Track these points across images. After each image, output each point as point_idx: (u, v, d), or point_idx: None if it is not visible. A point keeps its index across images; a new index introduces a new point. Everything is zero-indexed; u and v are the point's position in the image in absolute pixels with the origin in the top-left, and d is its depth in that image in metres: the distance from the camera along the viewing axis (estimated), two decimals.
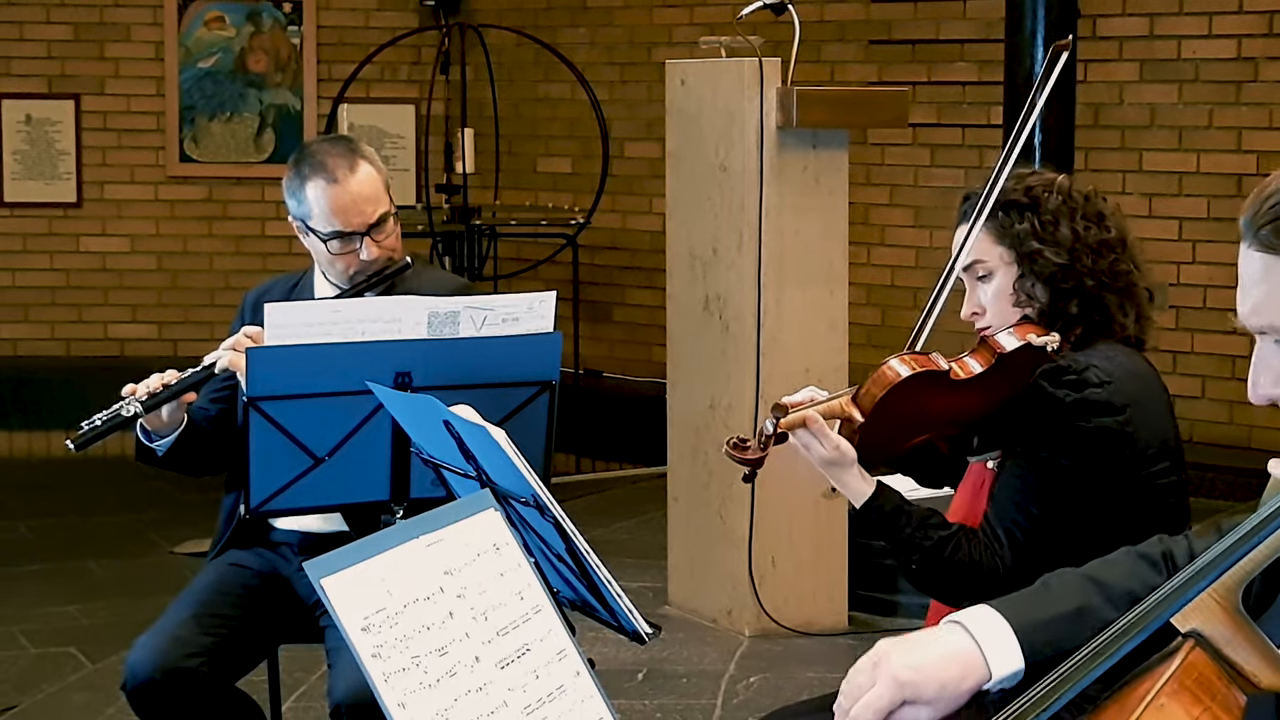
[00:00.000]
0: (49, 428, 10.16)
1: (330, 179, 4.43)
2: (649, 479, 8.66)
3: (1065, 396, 3.38)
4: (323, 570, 2.27)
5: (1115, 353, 3.48)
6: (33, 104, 10.77)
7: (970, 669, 2.44)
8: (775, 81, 6.44)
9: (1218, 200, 8.16)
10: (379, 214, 4.46)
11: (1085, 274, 3.51)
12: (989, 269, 3.56)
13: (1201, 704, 2.15)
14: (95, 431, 4.20)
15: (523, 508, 3.14)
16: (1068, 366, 3.40)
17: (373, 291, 4.47)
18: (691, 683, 6.18)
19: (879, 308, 9.30)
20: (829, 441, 3.42)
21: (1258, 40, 8.11)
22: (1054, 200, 3.55)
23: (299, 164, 4.50)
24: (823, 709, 3.62)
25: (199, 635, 4.27)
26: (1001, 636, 2.47)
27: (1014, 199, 3.55)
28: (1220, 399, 8.05)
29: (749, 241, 6.48)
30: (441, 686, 2.30)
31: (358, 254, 4.44)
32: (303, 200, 4.47)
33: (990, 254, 3.55)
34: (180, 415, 4.35)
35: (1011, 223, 3.53)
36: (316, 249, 4.51)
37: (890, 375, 3.42)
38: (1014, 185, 3.57)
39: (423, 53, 10.91)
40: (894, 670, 2.43)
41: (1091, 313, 3.52)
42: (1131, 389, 3.42)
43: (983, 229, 3.54)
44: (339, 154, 4.49)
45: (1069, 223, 3.53)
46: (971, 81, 8.96)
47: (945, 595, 3.55)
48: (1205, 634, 2.21)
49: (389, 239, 4.50)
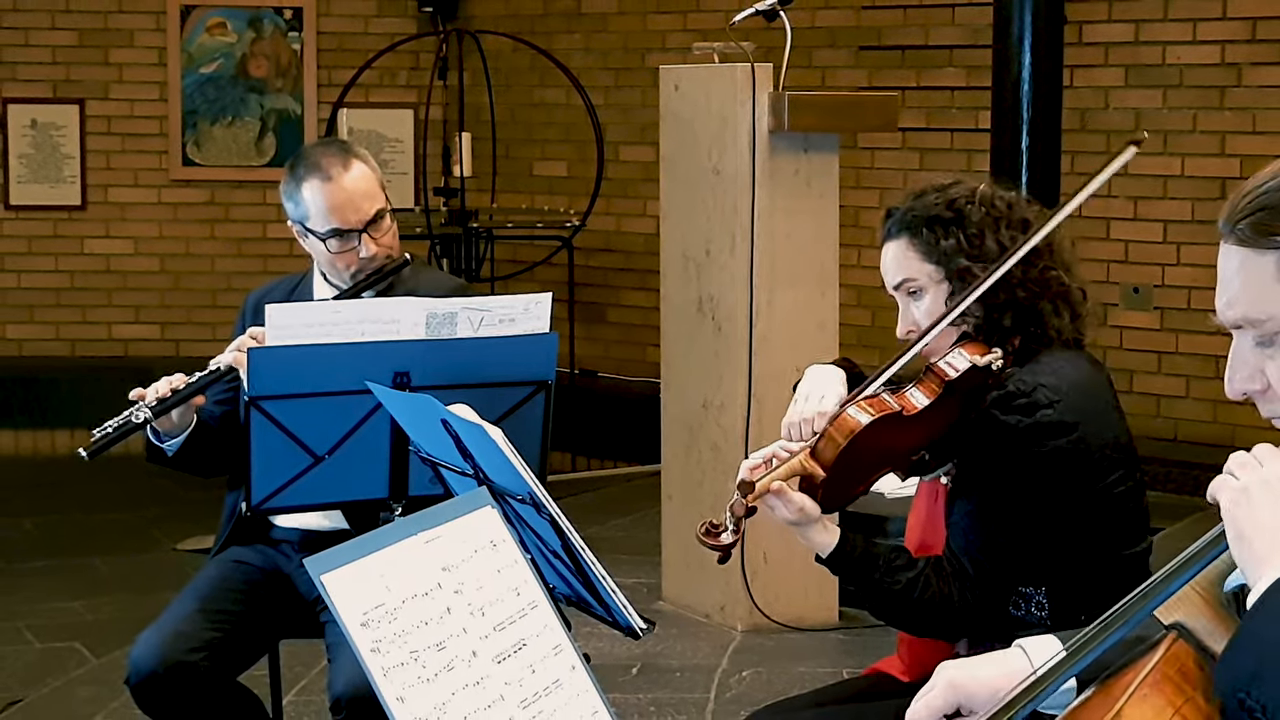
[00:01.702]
0: (54, 426, 10.16)
1: (325, 177, 4.43)
2: (643, 477, 8.66)
3: (1018, 423, 3.31)
4: (323, 566, 2.27)
5: (1059, 364, 3.40)
6: (38, 108, 10.77)
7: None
8: (767, 86, 6.44)
9: (1201, 203, 8.16)
10: (375, 210, 4.46)
11: (1016, 285, 3.42)
12: (919, 286, 3.49)
13: (1184, 694, 2.16)
14: (108, 438, 4.21)
15: (519, 505, 3.14)
16: (1016, 391, 3.33)
17: (372, 290, 4.46)
18: (685, 677, 6.17)
19: (869, 309, 9.29)
20: (793, 505, 3.33)
21: (1241, 46, 8.11)
22: (977, 212, 3.47)
23: (294, 167, 4.51)
24: (813, 704, 3.64)
25: (201, 630, 4.27)
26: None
27: (937, 214, 3.47)
28: (1204, 398, 8.05)
29: (741, 243, 6.48)
30: (439, 681, 2.30)
31: (357, 252, 4.44)
32: (300, 202, 4.47)
33: (919, 272, 3.48)
34: (190, 417, 4.35)
35: (937, 239, 3.46)
36: (316, 250, 4.50)
37: (850, 424, 3.33)
38: (936, 199, 3.50)
39: (421, 58, 10.91)
40: (951, 675, 2.53)
41: (1027, 323, 3.44)
42: (1079, 402, 3.35)
43: (909, 246, 3.48)
44: (333, 154, 4.49)
45: (994, 234, 3.46)
46: (960, 87, 8.96)
47: (916, 630, 3.52)
48: (1188, 626, 2.22)
49: (386, 236, 4.49)
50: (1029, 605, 3.37)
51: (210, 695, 4.26)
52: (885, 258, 3.54)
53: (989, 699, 2.47)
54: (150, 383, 4.32)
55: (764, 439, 6.48)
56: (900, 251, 3.50)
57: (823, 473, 3.33)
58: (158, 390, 4.26)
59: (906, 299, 3.52)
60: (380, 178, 4.54)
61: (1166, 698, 2.15)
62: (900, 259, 3.50)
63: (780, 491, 3.31)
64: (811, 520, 3.36)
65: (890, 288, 3.54)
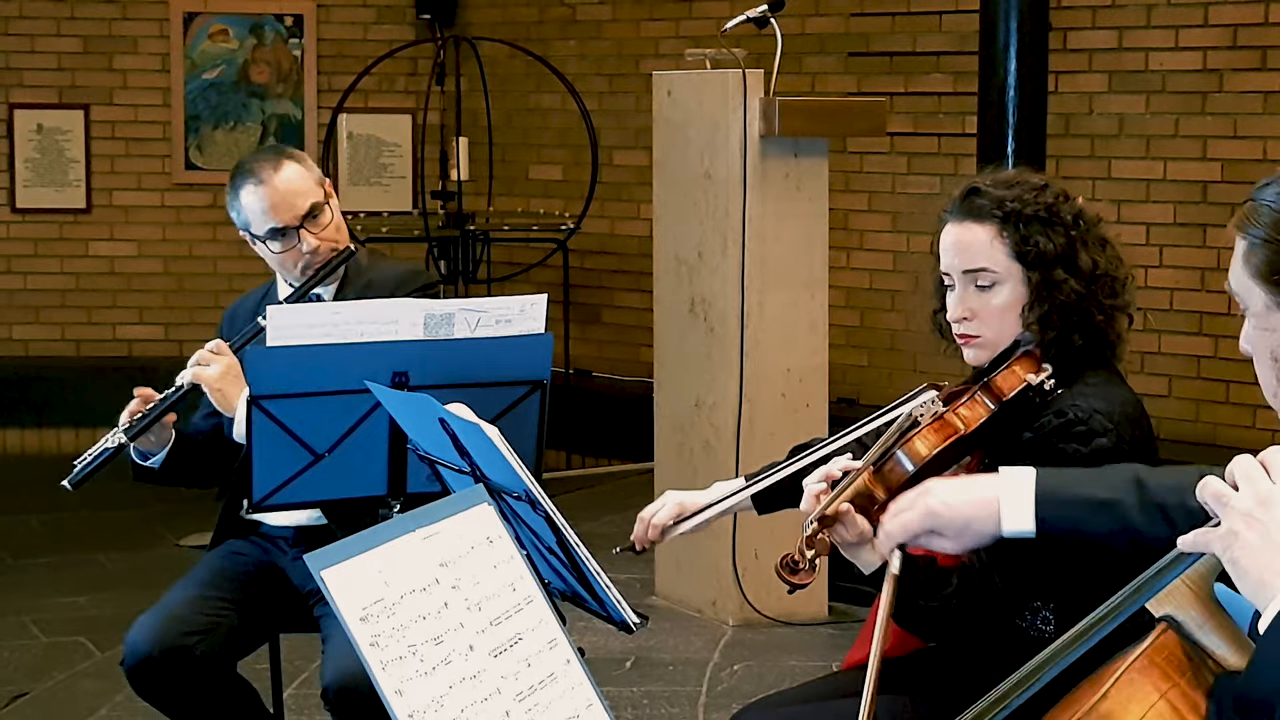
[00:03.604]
0: (60, 425, 10.16)
1: (258, 181, 4.48)
2: (636, 474, 8.67)
3: (1075, 452, 3.14)
4: (322, 562, 2.27)
5: (1107, 388, 3.26)
6: (44, 114, 10.75)
7: (988, 518, 2.70)
8: (758, 92, 6.45)
9: (1184, 206, 8.16)
10: (309, 205, 4.47)
11: (1095, 309, 3.28)
12: (996, 279, 3.31)
13: (1170, 680, 2.17)
14: (88, 468, 4.26)
15: (515, 502, 3.13)
16: (1075, 419, 3.18)
17: (325, 284, 4.49)
18: (677, 670, 6.18)
19: (858, 310, 9.30)
20: (855, 528, 3.13)
21: (1222, 53, 8.11)
22: (1076, 224, 3.31)
23: (233, 178, 4.57)
24: (802, 699, 3.63)
25: (197, 615, 4.27)
26: (1023, 499, 2.69)
27: (1035, 213, 3.30)
28: (1186, 397, 8.05)
29: (733, 246, 6.48)
30: (437, 674, 2.30)
31: (299, 248, 4.46)
32: (240, 209, 4.52)
33: (1003, 265, 3.30)
34: (167, 434, 4.38)
35: (1033, 239, 3.28)
36: (264, 253, 4.55)
37: (919, 450, 3.14)
38: (1035, 198, 3.32)
39: (419, 64, 10.90)
40: (931, 503, 2.73)
41: (1094, 345, 3.31)
42: (1129, 430, 3.22)
43: (999, 238, 3.29)
44: (265, 159, 4.54)
45: (1086, 251, 3.30)
46: (947, 92, 8.95)
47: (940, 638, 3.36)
48: (1178, 619, 2.23)
49: (327, 229, 4.51)
50: (1035, 618, 3.28)
51: (205, 681, 4.26)
52: (963, 237, 3.34)
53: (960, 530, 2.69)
54: (153, 383, 4.34)
55: (754, 437, 6.50)
56: (987, 238, 3.31)
57: (884, 495, 3.12)
58: (130, 411, 4.30)
59: (968, 283, 3.33)
60: (318, 176, 4.56)
61: (1153, 682, 2.17)
62: (985, 246, 3.31)
63: (845, 513, 3.12)
64: (865, 542, 3.16)
65: (957, 269, 3.34)
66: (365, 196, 10.42)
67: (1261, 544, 2.08)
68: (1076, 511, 2.65)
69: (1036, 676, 2.28)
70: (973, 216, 3.33)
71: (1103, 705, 2.15)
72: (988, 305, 3.32)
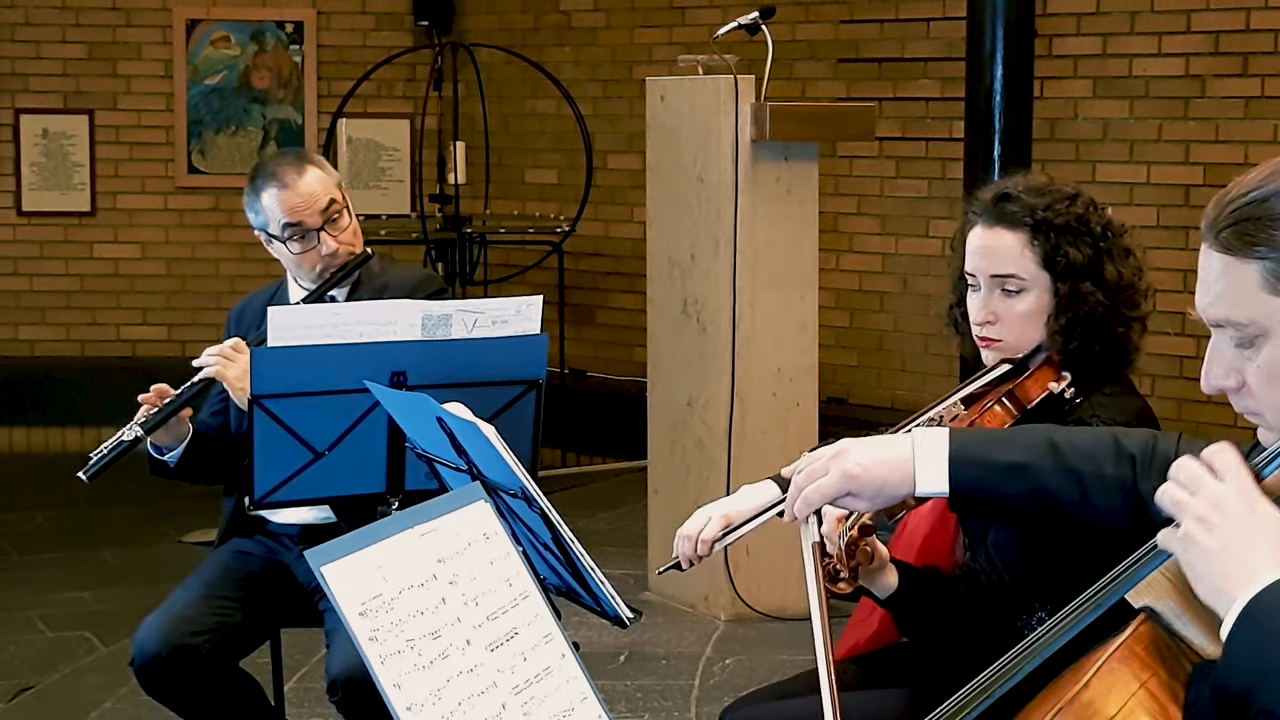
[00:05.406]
0: (65, 424, 10.16)
1: (281, 184, 4.47)
2: (630, 472, 8.66)
3: None
4: (322, 558, 2.27)
5: (1126, 401, 3.24)
6: (49, 119, 10.74)
7: (903, 480, 2.60)
8: (749, 97, 6.45)
9: (1167, 209, 8.17)
10: (330, 208, 4.47)
11: (1117, 320, 3.27)
12: (1023, 286, 3.26)
13: (1150, 669, 2.17)
14: (103, 460, 4.24)
15: (511, 499, 3.13)
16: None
17: (340, 286, 4.49)
18: (670, 664, 6.18)
19: (847, 310, 9.31)
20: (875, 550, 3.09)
21: (1205, 59, 8.11)
22: (1105, 235, 3.29)
23: (253, 179, 4.55)
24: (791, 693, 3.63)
25: (204, 615, 4.28)
26: (937, 460, 2.60)
27: (1066, 223, 3.26)
28: (1169, 397, 8.05)
29: (724, 248, 6.48)
30: (435, 668, 2.30)
31: (318, 250, 4.46)
32: (260, 210, 4.51)
33: (1031, 273, 3.26)
34: (184, 429, 4.38)
35: (1063, 249, 3.24)
36: (281, 254, 4.54)
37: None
38: (1066, 207, 3.28)
39: (417, 70, 10.90)
40: (847, 466, 2.60)
41: (1114, 357, 3.29)
42: None
43: (1029, 245, 3.25)
44: (288, 163, 4.53)
45: (1112, 263, 3.28)
46: (934, 98, 8.96)
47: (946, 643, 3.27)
48: (1157, 610, 2.23)
49: (345, 233, 4.51)
50: (1031, 620, 3.24)
51: (212, 678, 4.27)
52: (992, 242, 3.28)
53: (876, 491, 2.60)
54: (155, 383, 4.34)
55: (746, 436, 6.50)
56: (1018, 245, 3.25)
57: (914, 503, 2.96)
58: (146, 402, 4.29)
59: (994, 287, 3.28)
60: (337, 180, 4.56)
61: (1133, 671, 2.16)
62: (1015, 253, 3.25)
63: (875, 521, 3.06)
64: (885, 563, 3.14)
65: (984, 272, 3.29)
66: (364, 200, 10.40)
67: (1218, 549, 2.05)
68: (989, 474, 2.58)
69: (1019, 666, 2.28)
70: (1004, 222, 3.29)
71: (1084, 694, 2.15)
72: (1012, 311, 3.28)
